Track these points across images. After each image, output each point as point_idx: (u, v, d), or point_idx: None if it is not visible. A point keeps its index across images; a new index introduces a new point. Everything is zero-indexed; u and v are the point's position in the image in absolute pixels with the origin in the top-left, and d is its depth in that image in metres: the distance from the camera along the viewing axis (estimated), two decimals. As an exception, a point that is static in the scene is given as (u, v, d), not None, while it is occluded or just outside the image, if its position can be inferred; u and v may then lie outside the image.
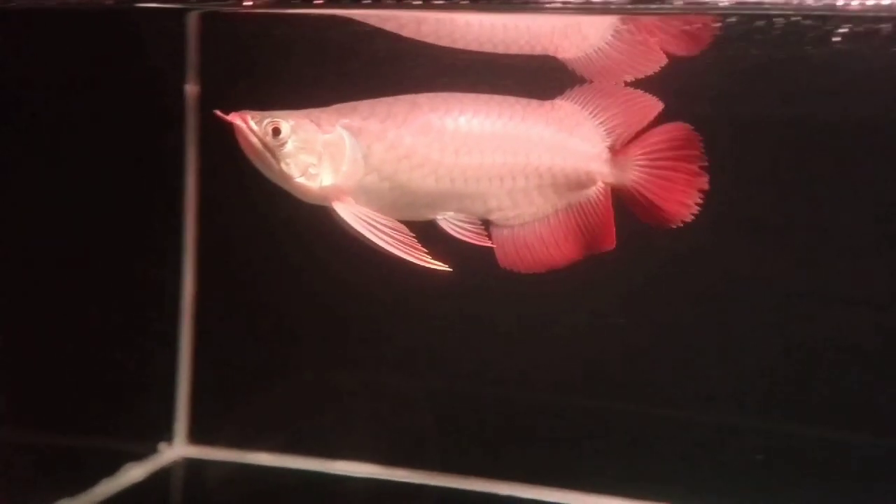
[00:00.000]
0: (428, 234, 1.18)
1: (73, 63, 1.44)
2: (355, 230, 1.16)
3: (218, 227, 1.70)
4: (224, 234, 1.70)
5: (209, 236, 1.71)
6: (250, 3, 1.24)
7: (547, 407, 1.62)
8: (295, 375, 1.74)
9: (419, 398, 1.67)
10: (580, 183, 1.27)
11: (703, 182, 1.23)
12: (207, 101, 1.63)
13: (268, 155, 1.16)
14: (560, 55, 1.26)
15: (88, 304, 1.51)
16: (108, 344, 1.56)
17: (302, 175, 1.17)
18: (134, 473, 1.58)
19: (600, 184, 1.26)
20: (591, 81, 1.26)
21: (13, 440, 1.37)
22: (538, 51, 1.25)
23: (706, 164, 1.21)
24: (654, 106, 1.25)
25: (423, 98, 1.24)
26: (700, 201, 1.23)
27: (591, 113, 1.26)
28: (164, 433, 1.71)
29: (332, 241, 1.20)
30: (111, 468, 1.55)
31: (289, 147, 1.17)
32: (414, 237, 1.16)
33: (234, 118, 1.15)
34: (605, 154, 1.26)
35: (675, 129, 1.24)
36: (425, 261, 1.15)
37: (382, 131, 1.20)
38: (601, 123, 1.27)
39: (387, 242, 1.16)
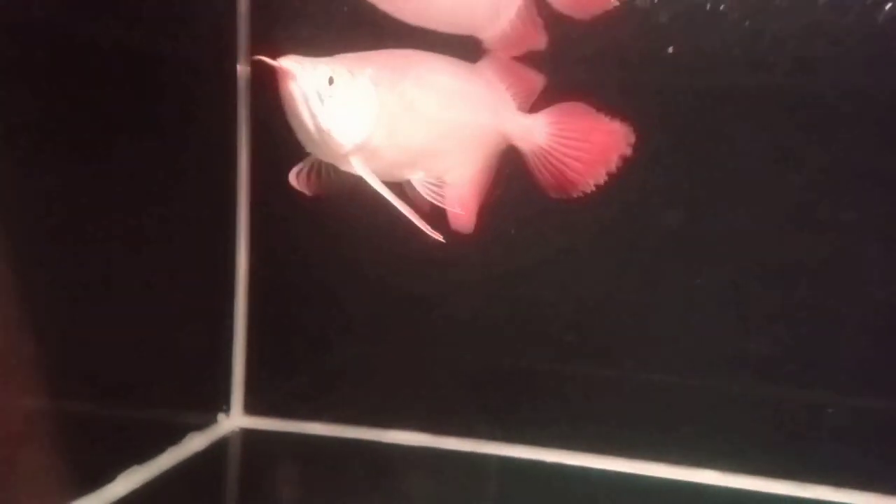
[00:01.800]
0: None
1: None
2: (374, 188, 1.12)
3: (270, 208, 1.76)
4: (275, 214, 1.75)
5: (261, 218, 1.77)
6: None
7: (594, 377, 1.67)
8: (344, 349, 1.80)
9: (467, 368, 1.72)
10: (498, 143, 1.31)
11: (611, 154, 1.28)
12: (258, 83, 1.69)
13: (312, 105, 1.06)
14: (480, 35, 1.29)
15: (154, 286, 1.56)
16: (171, 322, 1.61)
17: (338, 129, 1.08)
18: (197, 442, 1.64)
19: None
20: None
21: (88, 412, 1.43)
22: (463, 31, 1.29)
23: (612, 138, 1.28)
24: (539, 80, 1.33)
25: (407, 52, 1.21)
26: (605, 173, 1.29)
27: (500, 79, 1.31)
28: (223, 404, 1.78)
29: (378, 219, 1.21)
30: (176, 437, 1.61)
31: (336, 98, 1.06)
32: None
33: (286, 62, 1.04)
34: (519, 118, 1.31)
35: (578, 107, 1.30)
36: (425, 226, 1.14)
37: (393, 83, 1.14)
38: (508, 89, 1.32)
39: (399, 203, 1.12)
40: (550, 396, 1.69)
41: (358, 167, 1.12)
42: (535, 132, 1.30)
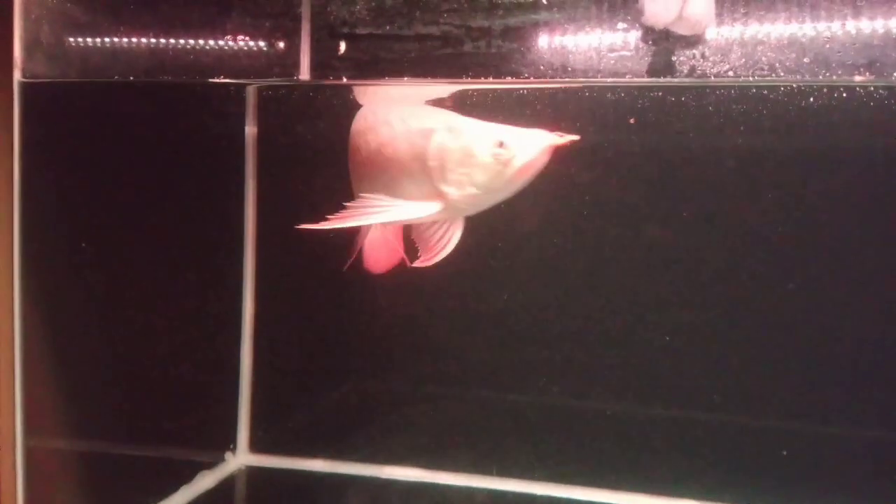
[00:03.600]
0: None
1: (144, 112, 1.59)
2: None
3: (275, 251, 1.85)
4: (280, 257, 1.84)
5: (267, 260, 1.86)
6: (306, 77, 1.35)
7: (584, 409, 1.76)
8: (346, 388, 1.88)
9: (467, 404, 1.81)
10: None
11: None
12: (264, 142, 1.81)
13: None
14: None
15: (164, 330, 1.65)
16: (180, 365, 1.70)
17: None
18: (206, 481, 1.72)
19: None
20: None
21: (105, 452, 1.51)
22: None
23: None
24: None
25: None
26: None
27: None
28: (230, 443, 1.86)
29: None
30: (188, 476, 1.69)
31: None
32: None
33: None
34: None
35: None
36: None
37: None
38: None
39: None
40: (543, 431, 1.77)
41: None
42: None
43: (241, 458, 1.87)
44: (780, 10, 1.09)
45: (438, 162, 1.17)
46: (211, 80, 1.44)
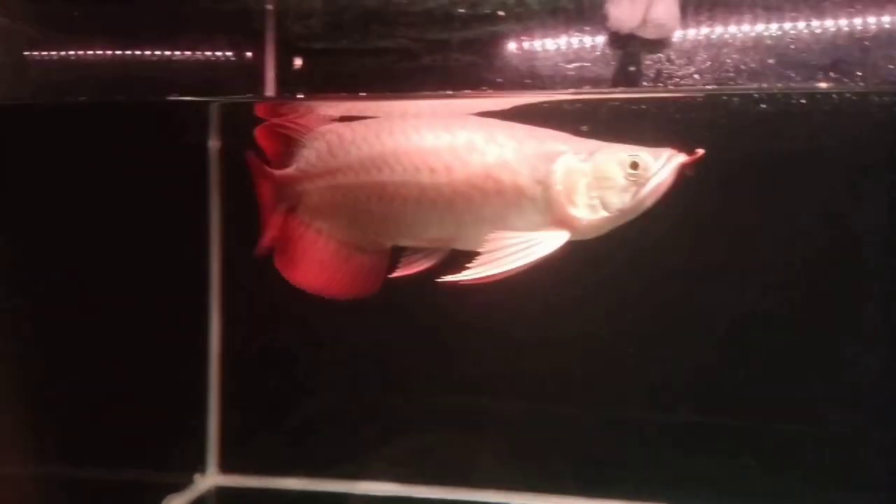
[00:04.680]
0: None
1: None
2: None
3: (242, 268, 1.82)
4: (247, 275, 1.80)
5: (234, 278, 1.83)
6: (271, 93, 1.34)
7: (559, 417, 1.75)
8: (316, 404, 1.86)
9: (440, 416, 1.79)
10: None
11: None
12: (228, 157, 1.78)
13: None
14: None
15: (129, 351, 1.62)
16: (147, 387, 1.66)
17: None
18: None
19: None
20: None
21: (69, 476, 1.47)
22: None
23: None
24: None
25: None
26: None
27: None
28: (199, 465, 1.83)
29: None
30: (156, 500, 1.66)
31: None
32: None
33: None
34: None
35: None
36: None
37: None
38: None
39: None
40: (520, 441, 1.76)
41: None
42: None
43: (210, 478, 1.83)
44: (745, 12, 1.10)
45: (567, 186, 1.12)
46: (171, 98, 1.43)
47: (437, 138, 1.18)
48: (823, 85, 1.08)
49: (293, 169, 1.32)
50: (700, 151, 1.09)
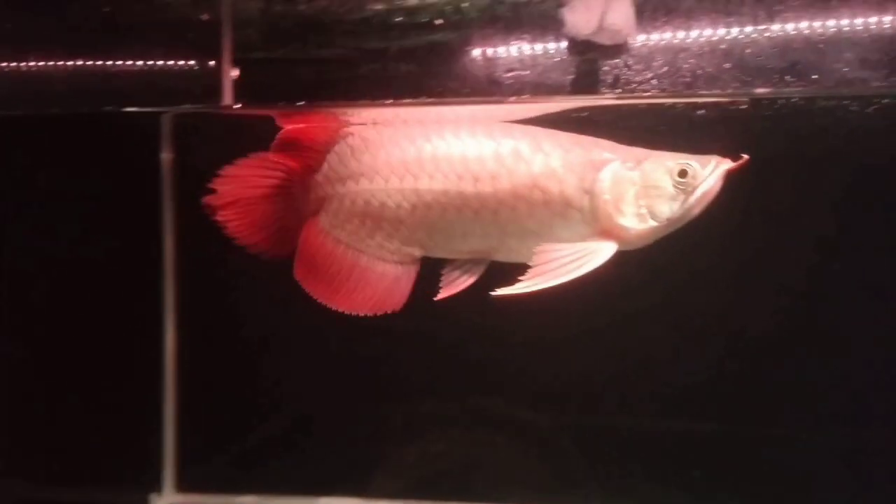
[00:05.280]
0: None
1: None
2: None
3: (197, 280, 1.78)
4: (203, 287, 1.78)
5: (189, 291, 1.79)
6: (227, 105, 1.30)
7: (517, 425, 1.73)
8: (275, 420, 1.82)
9: (399, 429, 1.77)
10: None
11: None
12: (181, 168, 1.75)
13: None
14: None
15: (79, 364, 1.58)
16: (100, 405, 1.63)
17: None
18: (130, 525, 1.65)
19: None
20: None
21: (21, 496, 1.43)
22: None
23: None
24: None
25: None
26: None
27: None
28: (154, 484, 1.78)
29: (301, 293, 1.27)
30: (110, 521, 1.61)
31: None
32: None
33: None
34: None
35: None
36: None
37: None
38: None
39: None
40: (475, 455, 1.74)
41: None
42: None
43: (167, 498, 1.79)
44: (701, 17, 1.11)
45: (614, 195, 1.10)
46: (125, 109, 1.40)
47: (481, 145, 1.15)
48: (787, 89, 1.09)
49: (317, 173, 1.27)
50: (745, 157, 1.08)
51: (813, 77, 1.07)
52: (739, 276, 1.60)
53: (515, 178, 1.13)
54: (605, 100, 1.23)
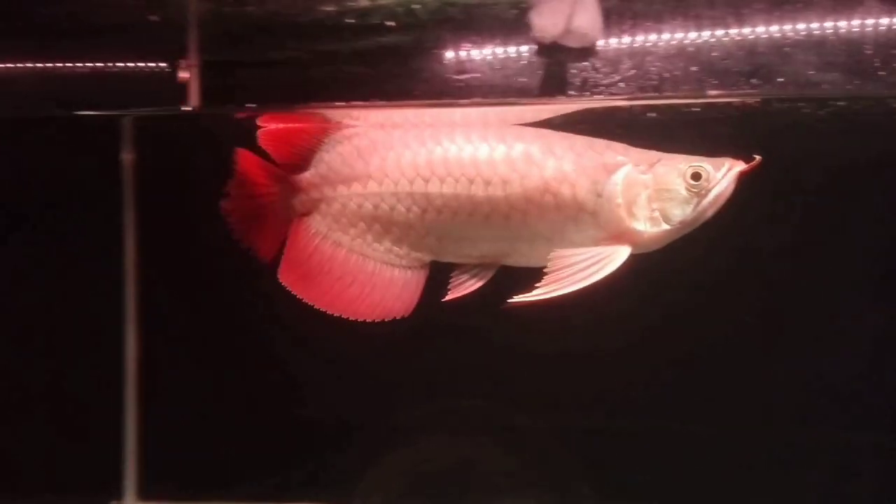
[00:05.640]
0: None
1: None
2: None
3: (159, 284, 1.76)
4: (165, 290, 1.76)
5: (151, 294, 1.76)
6: (188, 108, 1.27)
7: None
8: (240, 426, 1.80)
9: (368, 435, 1.76)
10: None
11: None
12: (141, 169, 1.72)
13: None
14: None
15: (36, 368, 1.55)
16: (59, 413, 1.60)
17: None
18: (90, 534, 1.62)
19: None
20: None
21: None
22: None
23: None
24: None
25: None
26: None
27: None
28: (115, 492, 1.75)
29: (272, 294, 1.25)
30: (68, 530, 1.58)
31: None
32: None
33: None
34: None
35: None
36: None
37: None
38: None
39: None
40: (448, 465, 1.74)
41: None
42: None
43: (128, 506, 1.77)
44: (668, 20, 1.11)
45: (627, 199, 1.10)
46: (85, 112, 1.37)
47: (492, 149, 1.14)
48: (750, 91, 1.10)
49: (311, 173, 1.23)
50: (758, 158, 1.08)
51: (778, 80, 1.08)
52: (739, 276, 1.60)
53: (527, 181, 1.12)
54: (572, 104, 1.23)
